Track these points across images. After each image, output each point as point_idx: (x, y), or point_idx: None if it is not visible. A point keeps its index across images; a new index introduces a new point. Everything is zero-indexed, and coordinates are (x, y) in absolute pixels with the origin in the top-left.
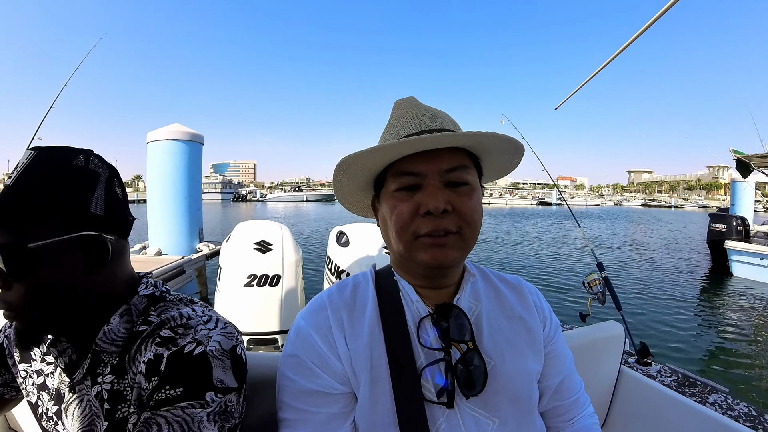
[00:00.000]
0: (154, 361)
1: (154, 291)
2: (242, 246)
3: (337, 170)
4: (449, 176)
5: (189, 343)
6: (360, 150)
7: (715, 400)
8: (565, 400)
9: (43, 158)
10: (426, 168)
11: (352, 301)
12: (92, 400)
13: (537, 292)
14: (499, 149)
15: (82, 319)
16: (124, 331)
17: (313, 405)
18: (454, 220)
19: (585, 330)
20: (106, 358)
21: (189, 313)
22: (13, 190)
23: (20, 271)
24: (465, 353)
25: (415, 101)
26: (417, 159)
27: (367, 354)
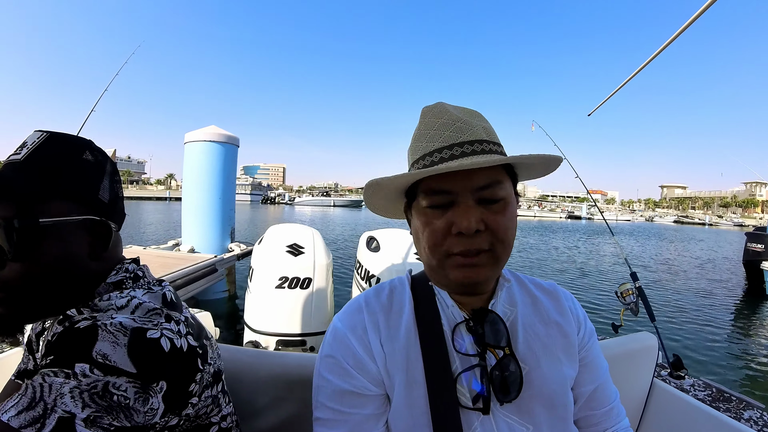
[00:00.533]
0: (51, 340)
1: (124, 277)
2: (275, 248)
3: (366, 190)
4: (482, 194)
5: (83, 320)
6: (386, 176)
7: (751, 416)
8: (598, 409)
9: (56, 140)
10: (458, 186)
11: (389, 304)
12: None
13: (572, 298)
14: (535, 164)
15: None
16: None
17: (347, 406)
18: (487, 239)
19: (618, 340)
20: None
21: (114, 294)
22: (27, 165)
23: (27, 248)
24: (501, 359)
25: (443, 108)
26: (449, 176)
27: (402, 356)
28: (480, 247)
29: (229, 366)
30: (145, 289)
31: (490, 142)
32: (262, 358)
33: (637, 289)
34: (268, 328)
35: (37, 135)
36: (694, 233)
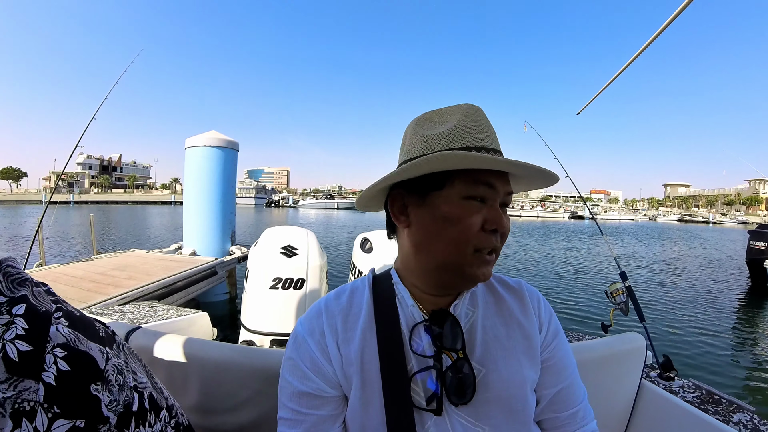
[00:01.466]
0: None
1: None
2: (269, 250)
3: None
4: (506, 198)
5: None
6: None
7: (740, 419)
8: (561, 412)
9: None
10: (500, 186)
11: (348, 306)
12: None
13: (538, 295)
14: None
15: None
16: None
17: (305, 407)
18: (499, 239)
19: (605, 341)
20: None
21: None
22: None
23: None
24: (455, 361)
25: (482, 113)
26: (497, 176)
27: (358, 357)
28: (497, 246)
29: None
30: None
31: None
32: (246, 354)
33: (627, 288)
34: (262, 327)
35: None
36: (698, 232)
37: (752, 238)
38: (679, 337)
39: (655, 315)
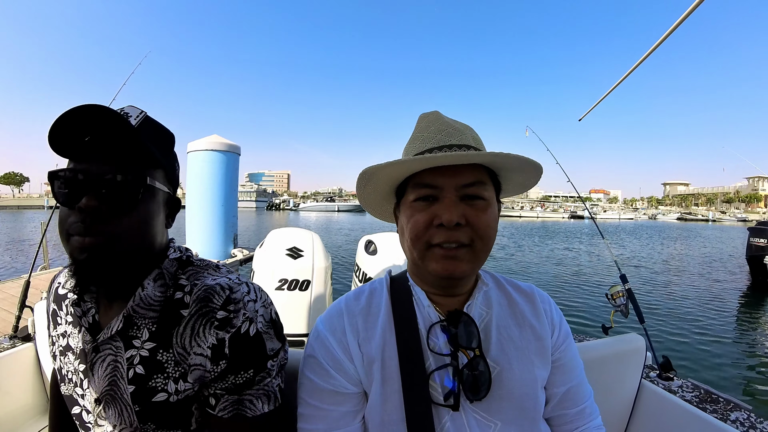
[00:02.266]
0: (218, 345)
1: (181, 255)
2: (275, 251)
3: (360, 178)
4: (466, 191)
5: (244, 323)
6: (382, 163)
7: (738, 417)
8: (570, 409)
9: (153, 121)
10: (444, 182)
11: (367, 306)
12: (121, 362)
13: (549, 300)
14: (515, 168)
15: (131, 270)
16: (160, 295)
17: (327, 403)
18: (468, 233)
19: (605, 341)
20: (140, 322)
21: (228, 283)
22: (143, 131)
23: (133, 203)
24: (471, 359)
25: (439, 115)
26: (437, 172)
27: (378, 355)
28: (460, 240)
29: None
30: (227, 271)
31: (477, 148)
32: None
33: (627, 291)
34: None
35: (137, 111)
36: (698, 230)
37: (752, 235)
38: (679, 337)
39: (655, 316)
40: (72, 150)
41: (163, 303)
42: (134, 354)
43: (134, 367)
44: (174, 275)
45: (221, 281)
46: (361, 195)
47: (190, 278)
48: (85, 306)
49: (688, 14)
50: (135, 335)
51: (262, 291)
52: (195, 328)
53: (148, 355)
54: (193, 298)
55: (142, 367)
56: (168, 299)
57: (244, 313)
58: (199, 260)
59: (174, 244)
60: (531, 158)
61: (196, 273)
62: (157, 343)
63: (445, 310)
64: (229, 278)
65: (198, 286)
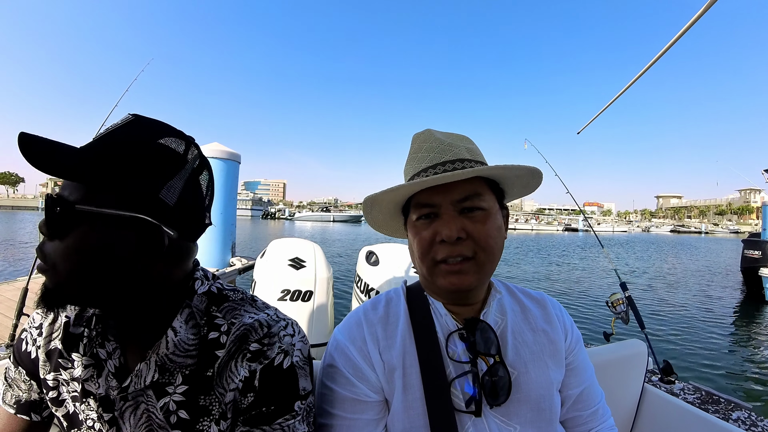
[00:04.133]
0: (249, 377)
1: (210, 286)
2: (277, 262)
3: (364, 205)
4: (462, 205)
5: (278, 355)
6: (380, 191)
7: (739, 416)
8: (585, 410)
9: (138, 125)
10: (440, 199)
11: (385, 315)
12: (155, 411)
13: (560, 306)
14: (512, 175)
15: (129, 307)
16: (194, 338)
17: (349, 411)
18: (470, 246)
19: (608, 348)
20: (174, 368)
21: (266, 319)
22: (94, 147)
23: (60, 228)
24: (491, 366)
25: (430, 134)
26: (432, 191)
27: (399, 363)
28: (463, 253)
29: None
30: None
31: (472, 160)
32: None
33: (627, 298)
34: None
35: (124, 118)
36: (691, 242)
37: (746, 247)
38: (679, 343)
39: (655, 323)
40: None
41: (197, 345)
42: (168, 401)
43: (176, 413)
44: (207, 312)
45: (260, 318)
46: (368, 218)
47: (226, 316)
48: (109, 346)
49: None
50: (168, 381)
51: (300, 327)
52: (229, 365)
53: (184, 399)
54: (231, 338)
55: (185, 412)
56: (202, 340)
57: (280, 345)
58: (233, 290)
59: (200, 273)
60: (519, 164)
61: (233, 309)
62: (190, 386)
63: (461, 319)
64: (267, 313)
65: (236, 325)
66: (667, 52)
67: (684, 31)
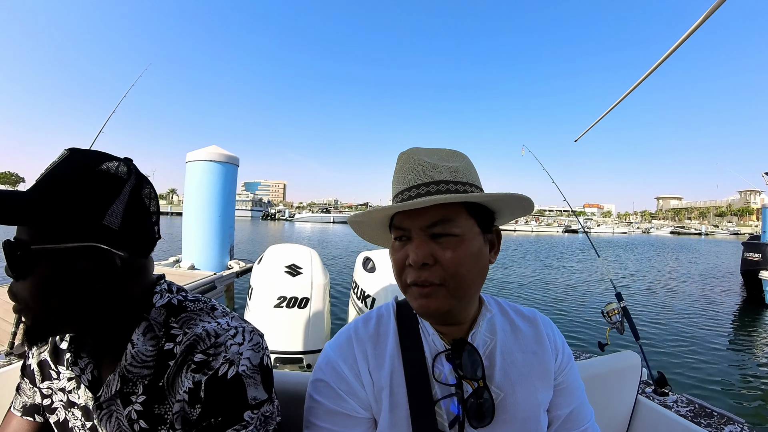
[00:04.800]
0: (194, 388)
1: (171, 298)
2: (274, 268)
3: (351, 225)
4: (431, 230)
5: (222, 365)
6: (359, 213)
7: (731, 431)
8: (573, 430)
9: (73, 160)
10: (409, 224)
11: (375, 333)
12: (122, 419)
13: (551, 324)
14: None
15: (98, 326)
16: (152, 349)
17: (338, 425)
18: (438, 272)
19: (602, 359)
20: (134, 378)
21: (215, 328)
22: (36, 190)
23: (23, 269)
24: (476, 390)
25: (412, 153)
26: (404, 215)
27: (387, 383)
28: (429, 279)
29: None
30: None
31: (451, 182)
32: None
33: (622, 309)
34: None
35: (60, 155)
36: (691, 244)
37: (746, 250)
38: (675, 351)
39: (650, 333)
40: None
41: (155, 356)
42: (130, 410)
43: (137, 422)
44: (165, 323)
45: (209, 327)
46: (359, 233)
47: (182, 326)
48: (83, 362)
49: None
50: (131, 391)
51: (255, 334)
52: (178, 376)
53: (142, 409)
54: (182, 347)
55: (144, 422)
56: (159, 351)
57: (225, 355)
58: (194, 301)
59: (162, 285)
60: (499, 192)
61: (189, 320)
62: (147, 396)
63: (449, 338)
64: (218, 322)
65: (188, 335)
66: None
67: (684, 39)
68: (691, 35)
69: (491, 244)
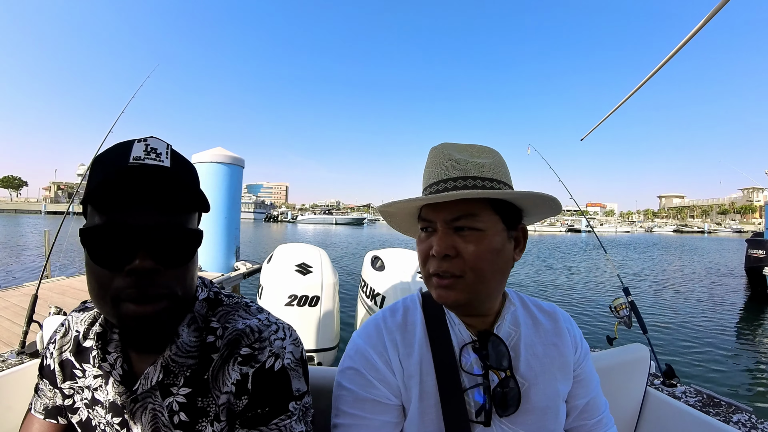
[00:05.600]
0: (242, 380)
1: (209, 293)
2: (284, 267)
3: (383, 215)
4: (455, 224)
5: (269, 358)
6: (391, 202)
7: (739, 419)
8: (590, 420)
9: (180, 155)
10: (434, 216)
11: (403, 323)
12: (161, 410)
13: (570, 319)
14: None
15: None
16: (195, 341)
17: (368, 411)
18: (459, 265)
19: (610, 352)
20: (176, 369)
21: (257, 324)
22: (177, 174)
23: (190, 255)
24: (502, 379)
25: (443, 148)
26: (430, 208)
27: (417, 371)
28: (450, 271)
29: None
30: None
31: (478, 177)
32: None
33: (630, 303)
34: None
35: (163, 145)
36: (693, 242)
37: (750, 247)
38: (682, 345)
39: (659, 325)
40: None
41: (198, 348)
42: (171, 401)
43: (177, 414)
44: (205, 317)
45: (251, 323)
46: (390, 223)
47: (221, 320)
48: (111, 357)
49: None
50: (172, 383)
51: (293, 330)
52: (223, 369)
53: (185, 401)
54: (224, 342)
55: (185, 414)
56: (201, 343)
57: (270, 349)
58: (228, 296)
59: (198, 280)
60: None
61: (227, 314)
62: (192, 389)
63: (475, 330)
64: (258, 318)
65: (229, 330)
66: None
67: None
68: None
69: (516, 241)
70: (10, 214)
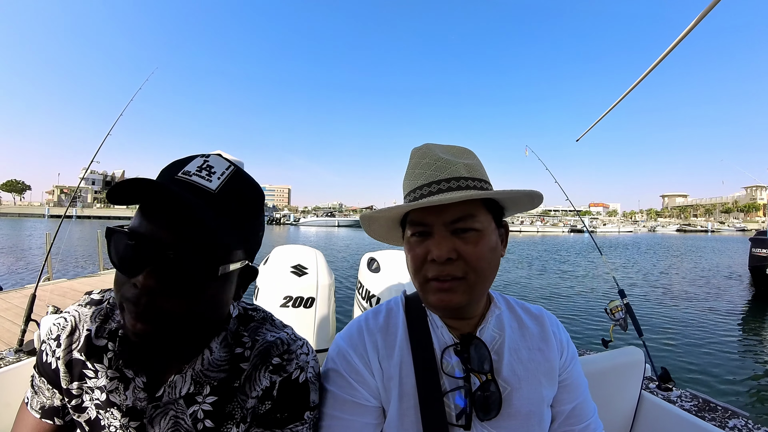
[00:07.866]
0: (269, 387)
1: (240, 310)
2: (279, 269)
3: (362, 222)
4: (455, 226)
5: (295, 370)
6: (376, 210)
7: (735, 425)
8: (577, 425)
9: (242, 177)
10: (432, 219)
11: (385, 325)
12: (183, 417)
13: (557, 322)
14: (509, 197)
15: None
16: (225, 355)
17: (348, 413)
18: (461, 267)
19: (605, 355)
20: (205, 381)
21: (286, 338)
22: (222, 201)
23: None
24: (483, 383)
25: (428, 149)
26: (425, 211)
27: (396, 373)
28: (452, 273)
29: None
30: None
31: (470, 178)
32: None
33: (625, 305)
34: None
35: (223, 165)
36: (697, 242)
37: (754, 246)
38: (680, 348)
39: (653, 329)
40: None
41: (228, 361)
42: (196, 410)
43: (202, 422)
44: (236, 333)
45: (281, 336)
46: (368, 231)
47: (251, 334)
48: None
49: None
50: (197, 392)
51: (312, 347)
52: (253, 376)
53: (211, 409)
54: (254, 353)
55: (210, 420)
56: (231, 356)
57: (297, 362)
58: (253, 310)
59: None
60: (518, 189)
61: (257, 328)
62: (219, 397)
63: (458, 333)
64: (286, 332)
65: (259, 342)
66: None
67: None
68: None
69: (501, 238)
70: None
